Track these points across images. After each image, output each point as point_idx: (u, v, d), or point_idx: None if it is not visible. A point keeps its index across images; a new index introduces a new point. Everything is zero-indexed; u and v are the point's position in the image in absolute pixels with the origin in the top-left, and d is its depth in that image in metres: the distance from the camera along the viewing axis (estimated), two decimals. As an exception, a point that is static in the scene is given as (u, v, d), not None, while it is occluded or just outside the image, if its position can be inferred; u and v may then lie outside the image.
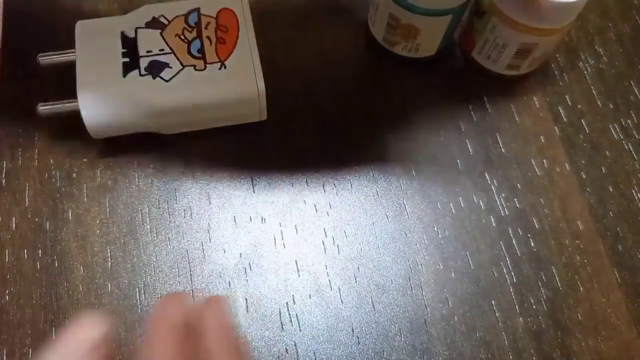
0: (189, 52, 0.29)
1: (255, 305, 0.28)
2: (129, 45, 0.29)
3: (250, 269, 0.28)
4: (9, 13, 0.34)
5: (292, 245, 0.29)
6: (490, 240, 0.30)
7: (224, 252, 0.29)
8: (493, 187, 0.31)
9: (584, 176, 0.32)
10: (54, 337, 0.22)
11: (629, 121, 0.34)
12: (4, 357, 0.26)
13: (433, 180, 0.31)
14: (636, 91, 0.34)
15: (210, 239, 0.29)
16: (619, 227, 0.31)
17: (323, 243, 0.29)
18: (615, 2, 0.37)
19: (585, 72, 0.35)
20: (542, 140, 0.32)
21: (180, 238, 0.29)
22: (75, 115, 0.28)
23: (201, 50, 0.29)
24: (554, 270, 0.29)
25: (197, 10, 0.30)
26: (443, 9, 0.29)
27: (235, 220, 0.29)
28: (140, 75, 0.28)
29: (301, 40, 0.34)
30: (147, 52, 0.29)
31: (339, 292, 0.28)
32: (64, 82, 0.31)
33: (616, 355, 0.28)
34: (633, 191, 0.32)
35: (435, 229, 0.30)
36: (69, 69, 0.29)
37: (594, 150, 0.32)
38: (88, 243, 0.28)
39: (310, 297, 0.28)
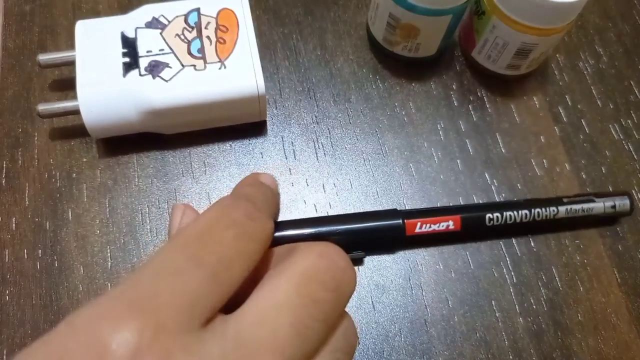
0: (189, 52, 0.29)
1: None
2: (129, 45, 0.29)
3: (250, 269, 0.28)
4: (9, 13, 0.34)
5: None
6: (490, 240, 0.30)
7: (224, 252, 0.29)
8: (493, 187, 0.31)
9: (584, 176, 0.32)
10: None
11: (629, 121, 0.34)
12: (4, 357, 0.26)
13: (433, 180, 0.31)
14: (636, 91, 0.34)
15: (210, 239, 0.29)
16: (618, 227, 0.31)
17: (323, 243, 0.29)
18: (615, 2, 0.37)
19: (585, 72, 0.35)
20: (542, 140, 0.32)
21: (180, 238, 0.29)
22: (75, 115, 0.28)
23: (201, 50, 0.29)
24: (554, 270, 0.29)
25: (197, 10, 0.30)
26: (443, 9, 0.29)
27: (235, 220, 0.29)
28: (140, 75, 0.28)
29: (301, 40, 0.34)
30: (147, 52, 0.29)
31: (339, 292, 0.28)
32: (64, 82, 0.31)
33: (616, 355, 0.28)
34: (633, 191, 0.32)
35: (435, 229, 0.30)
36: (69, 69, 0.29)
37: (594, 150, 0.32)
38: (88, 243, 0.28)
39: (310, 297, 0.28)
